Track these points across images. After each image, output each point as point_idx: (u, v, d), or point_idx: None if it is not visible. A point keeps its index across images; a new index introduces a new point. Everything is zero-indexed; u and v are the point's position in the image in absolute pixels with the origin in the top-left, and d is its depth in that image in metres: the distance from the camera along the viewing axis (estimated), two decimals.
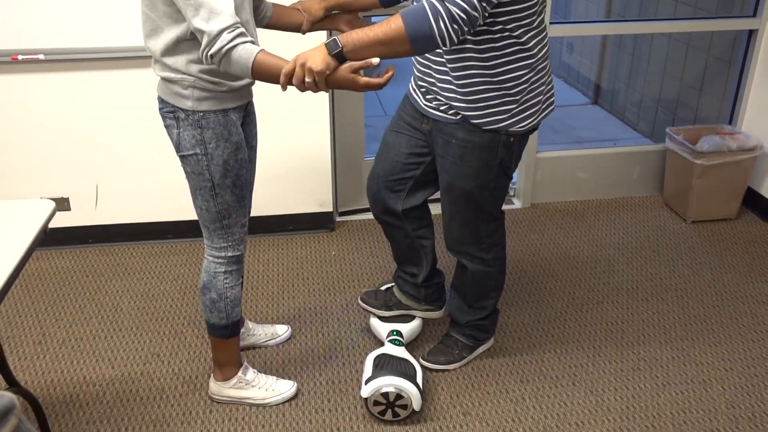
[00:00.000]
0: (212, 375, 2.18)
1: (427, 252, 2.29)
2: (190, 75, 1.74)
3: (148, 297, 2.70)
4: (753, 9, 3.22)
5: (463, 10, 1.55)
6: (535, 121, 1.94)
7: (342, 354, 2.39)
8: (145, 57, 2.68)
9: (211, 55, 1.61)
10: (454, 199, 2.06)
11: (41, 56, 2.64)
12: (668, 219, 3.28)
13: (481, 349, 2.38)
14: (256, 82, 1.90)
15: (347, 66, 1.60)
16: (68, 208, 2.96)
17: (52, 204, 1.79)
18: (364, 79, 1.60)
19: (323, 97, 2.89)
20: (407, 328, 2.35)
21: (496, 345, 2.42)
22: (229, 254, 1.99)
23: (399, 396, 2.05)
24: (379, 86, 1.60)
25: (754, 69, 3.27)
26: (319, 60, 1.57)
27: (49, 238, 1.84)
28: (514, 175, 3.46)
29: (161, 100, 1.84)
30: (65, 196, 2.94)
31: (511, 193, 3.47)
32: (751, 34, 3.25)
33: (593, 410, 2.15)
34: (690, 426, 2.09)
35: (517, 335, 2.48)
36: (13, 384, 1.94)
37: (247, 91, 1.88)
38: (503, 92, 1.84)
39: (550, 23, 3.08)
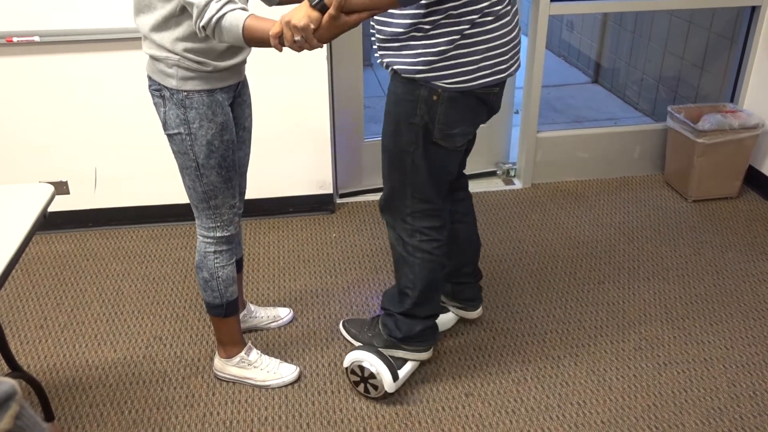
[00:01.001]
0: (216, 352, 2.19)
1: (457, 239, 2.16)
2: (175, 53, 1.73)
3: (149, 280, 2.70)
4: None
5: None
6: (472, 83, 1.76)
7: (343, 336, 2.39)
8: (139, 38, 2.65)
9: (203, 27, 1.60)
10: (383, 153, 1.95)
11: (36, 38, 2.61)
12: (669, 198, 3.27)
13: (400, 354, 2.11)
14: (247, 62, 1.91)
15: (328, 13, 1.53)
16: (67, 192, 2.95)
17: (51, 188, 1.78)
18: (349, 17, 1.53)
19: (322, 76, 2.87)
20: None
21: (497, 325, 2.43)
22: (218, 234, 1.99)
23: (372, 375, 2.06)
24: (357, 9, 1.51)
25: (756, 46, 3.24)
26: (301, 14, 1.51)
27: (48, 222, 1.83)
28: (512, 154, 3.51)
29: (149, 78, 1.83)
30: (64, 180, 2.93)
31: (512, 173, 3.46)
32: (754, 10, 3.22)
33: (595, 390, 2.16)
34: (691, 405, 2.10)
35: (519, 315, 2.48)
36: (15, 368, 1.94)
37: (236, 71, 1.86)
38: (423, 40, 1.71)
39: (551, 0, 3.05)
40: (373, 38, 1.85)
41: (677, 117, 3.21)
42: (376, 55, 1.86)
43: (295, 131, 2.97)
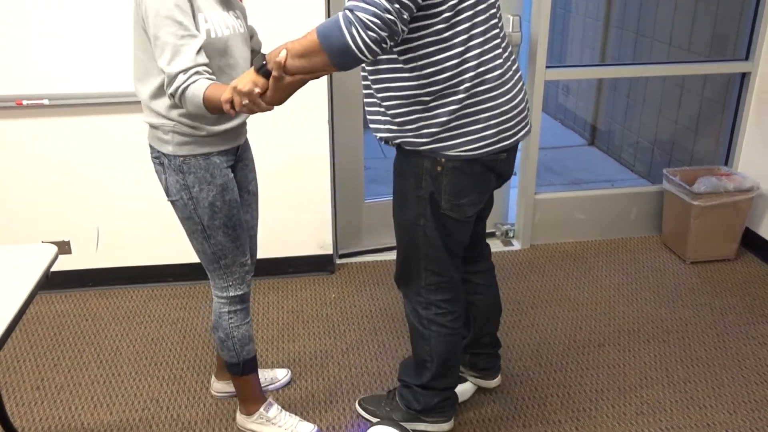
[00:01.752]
0: (238, 408, 2.21)
1: (475, 311, 2.16)
2: (170, 119, 1.78)
3: (147, 341, 2.69)
4: (745, 52, 3.28)
5: (375, 14, 1.47)
6: (476, 152, 1.75)
7: (342, 398, 2.37)
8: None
9: (170, 95, 1.68)
10: (395, 228, 1.95)
11: (46, 101, 2.68)
12: (668, 259, 3.29)
13: (421, 427, 2.10)
14: (247, 128, 1.97)
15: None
16: (69, 252, 2.96)
17: (55, 248, 1.80)
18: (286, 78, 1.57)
19: (323, 138, 2.92)
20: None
21: (498, 389, 2.40)
22: (231, 294, 2.00)
23: None
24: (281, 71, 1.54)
25: (748, 111, 3.32)
26: (246, 80, 1.56)
27: (49, 282, 1.83)
28: (510, 215, 3.55)
29: (150, 146, 1.89)
30: (66, 240, 2.95)
31: (511, 234, 3.48)
32: (744, 76, 3.31)
33: None
34: None
35: (519, 379, 2.46)
36: (10, 431, 1.91)
37: (233, 135, 1.90)
38: (424, 113, 1.72)
39: (546, 67, 3.13)
40: (371, 115, 1.86)
41: (673, 179, 3.26)
42: (373, 128, 1.86)
43: (296, 191, 3.00)
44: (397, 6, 1.49)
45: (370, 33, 1.47)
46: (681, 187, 3.20)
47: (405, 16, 1.52)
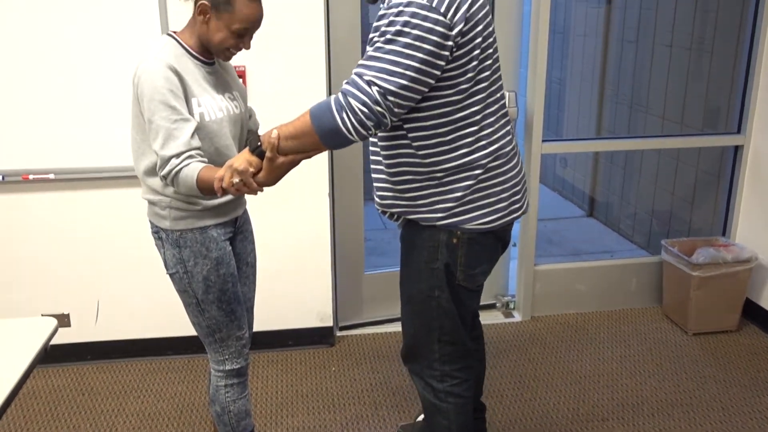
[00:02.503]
0: None
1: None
2: (166, 195, 1.83)
3: (144, 416, 2.65)
4: (737, 126, 3.36)
5: (365, 104, 1.54)
6: (491, 224, 1.77)
7: None
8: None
9: (163, 176, 1.73)
10: (403, 302, 1.92)
11: (51, 176, 2.73)
12: (669, 331, 3.27)
13: None
14: (245, 199, 2.01)
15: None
16: (69, 324, 2.96)
17: (54, 322, 1.80)
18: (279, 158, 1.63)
19: (324, 210, 2.96)
20: None
21: None
22: (227, 368, 1.99)
23: None
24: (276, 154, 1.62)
25: (742, 182, 3.37)
26: (242, 159, 1.63)
27: (47, 356, 1.83)
28: (511, 287, 3.55)
29: (149, 221, 1.93)
30: (66, 312, 2.95)
31: (511, 306, 3.47)
32: (737, 149, 3.37)
33: None
34: None
35: None
36: None
37: (231, 207, 1.93)
38: (438, 188, 1.74)
39: (543, 141, 3.20)
40: (379, 191, 1.87)
41: (671, 250, 3.27)
42: (380, 203, 1.87)
43: (296, 263, 3.02)
44: (389, 102, 1.56)
45: (359, 119, 1.55)
46: (680, 258, 3.21)
47: (396, 111, 1.59)
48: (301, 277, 3.03)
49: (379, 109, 1.55)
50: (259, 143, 1.63)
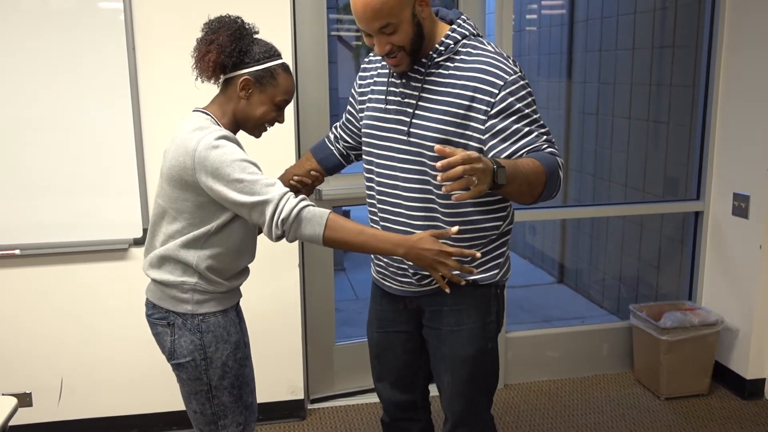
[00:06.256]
0: None
1: None
2: (194, 275, 1.74)
3: None
4: (696, 192, 3.46)
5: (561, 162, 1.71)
6: (509, 271, 1.92)
7: None
8: (113, 250, 2.77)
9: (282, 220, 1.62)
10: (455, 371, 1.89)
11: (17, 251, 2.70)
12: (641, 396, 3.27)
13: None
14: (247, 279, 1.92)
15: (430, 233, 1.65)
16: (30, 404, 2.86)
17: (14, 401, 1.76)
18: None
19: (294, 281, 2.95)
20: None
21: None
22: None
23: None
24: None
25: (704, 247, 3.45)
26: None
27: None
28: None
29: (152, 306, 1.81)
30: (28, 391, 2.86)
31: None
32: (698, 215, 3.47)
33: None
34: None
35: None
36: None
37: (239, 290, 1.89)
38: (498, 243, 1.84)
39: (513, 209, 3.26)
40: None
41: (639, 315, 3.31)
42: (404, 274, 1.86)
43: (266, 336, 2.98)
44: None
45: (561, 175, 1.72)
46: (648, 322, 3.24)
47: None
48: (272, 348, 2.99)
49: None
50: (501, 166, 1.54)
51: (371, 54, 1.93)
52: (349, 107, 2.06)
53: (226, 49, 1.70)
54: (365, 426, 3.01)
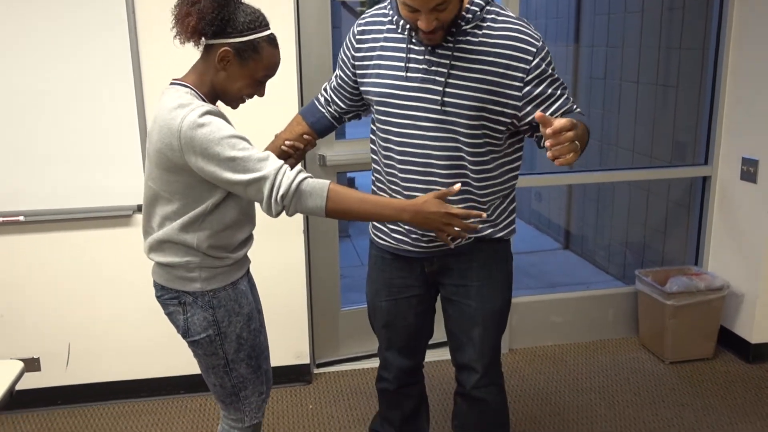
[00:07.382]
0: None
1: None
2: (198, 254, 1.70)
3: None
4: (704, 157, 3.43)
5: None
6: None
7: None
8: (117, 216, 2.76)
9: (282, 196, 1.58)
10: (486, 324, 1.96)
11: (21, 218, 2.70)
12: (646, 360, 3.28)
13: None
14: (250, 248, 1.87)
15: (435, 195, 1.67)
16: (38, 369, 2.89)
17: (21, 365, 1.76)
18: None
19: (299, 247, 2.95)
20: None
21: None
22: (246, 424, 1.87)
23: None
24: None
25: (711, 212, 3.42)
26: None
27: (15, 402, 1.78)
28: None
29: (161, 288, 1.77)
30: (36, 356, 2.88)
31: None
32: (705, 180, 3.44)
33: None
34: None
35: None
36: None
37: (246, 257, 1.86)
38: (511, 198, 1.96)
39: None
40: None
41: (645, 280, 3.30)
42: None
43: (272, 301, 2.98)
44: None
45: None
46: (654, 287, 3.24)
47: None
48: (278, 314, 3.00)
49: None
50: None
51: (366, 16, 1.90)
52: (339, 71, 2.01)
53: (208, 15, 1.59)
54: (370, 390, 3.03)
